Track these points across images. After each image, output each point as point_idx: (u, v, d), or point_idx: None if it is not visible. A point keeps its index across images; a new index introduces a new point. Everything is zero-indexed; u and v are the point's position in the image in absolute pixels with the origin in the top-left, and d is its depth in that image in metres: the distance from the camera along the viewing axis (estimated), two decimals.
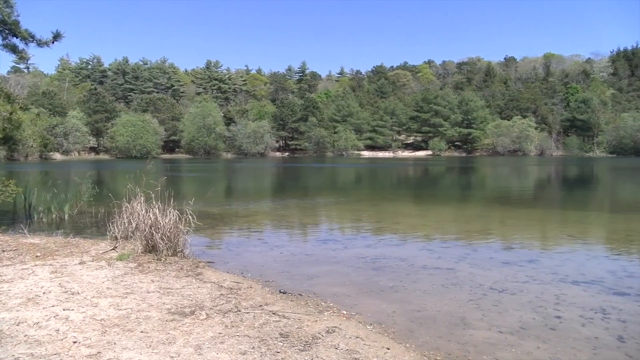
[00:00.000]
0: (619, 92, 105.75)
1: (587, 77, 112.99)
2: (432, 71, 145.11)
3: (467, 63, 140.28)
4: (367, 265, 7.79)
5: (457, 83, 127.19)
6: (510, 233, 11.34)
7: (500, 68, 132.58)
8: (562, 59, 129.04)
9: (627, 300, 6.05)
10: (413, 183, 29.92)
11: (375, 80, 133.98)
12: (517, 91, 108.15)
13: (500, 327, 5.12)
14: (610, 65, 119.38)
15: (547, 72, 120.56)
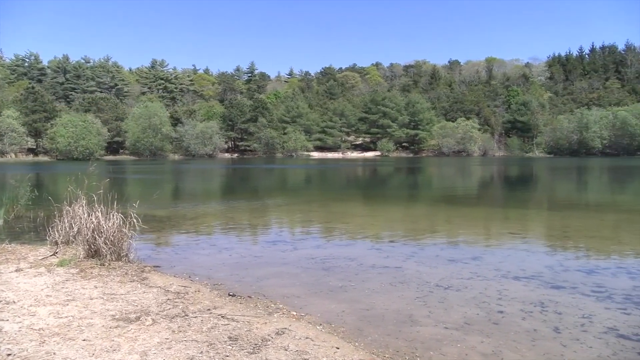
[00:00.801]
0: (555, 95, 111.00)
1: (527, 81, 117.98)
2: (380, 73, 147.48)
3: (414, 66, 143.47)
4: (316, 266, 7.82)
5: (404, 85, 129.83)
6: (456, 231, 11.67)
7: (445, 71, 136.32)
8: (503, 63, 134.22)
9: (563, 293, 6.35)
10: (362, 183, 30.29)
11: (324, 81, 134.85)
12: (461, 94, 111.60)
13: (446, 323, 5.25)
14: (547, 69, 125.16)
15: (490, 75, 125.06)
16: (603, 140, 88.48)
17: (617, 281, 6.93)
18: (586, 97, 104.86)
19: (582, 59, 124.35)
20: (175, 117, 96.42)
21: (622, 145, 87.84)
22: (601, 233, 11.22)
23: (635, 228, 12.03)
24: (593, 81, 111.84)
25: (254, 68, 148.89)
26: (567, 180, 31.96)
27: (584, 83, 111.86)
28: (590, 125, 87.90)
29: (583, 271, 7.50)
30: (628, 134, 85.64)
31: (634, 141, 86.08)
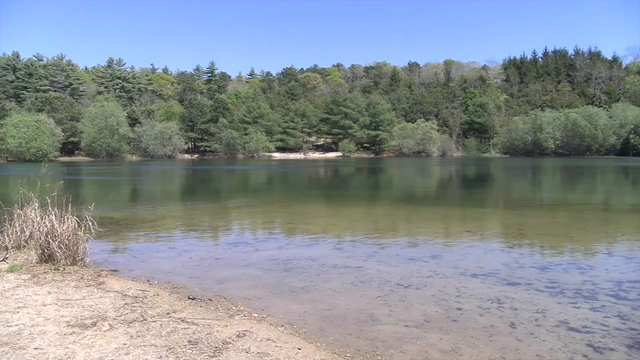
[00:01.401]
0: (511, 97, 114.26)
1: (484, 83, 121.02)
2: (341, 74, 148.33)
3: (374, 67, 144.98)
4: (278, 267, 7.80)
5: (365, 86, 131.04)
6: (416, 230, 11.86)
7: (405, 73, 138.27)
8: (461, 66, 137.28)
9: (519, 289, 6.55)
10: (324, 184, 30.40)
11: (285, 82, 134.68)
12: (421, 95, 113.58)
13: (406, 321, 5.33)
14: (503, 72, 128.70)
15: (448, 77, 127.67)
16: (556, 141, 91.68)
17: (568, 276, 7.20)
18: (540, 99, 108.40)
19: (535, 63, 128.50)
20: (133, 117, 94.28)
21: (573, 145, 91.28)
22: (554, 230, 11.62)
23: (585, 225, 12.52)
24: (546, 84, 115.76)
25: (214, 68, 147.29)
26: (522, 179, 32.95)
27: (538, 85, 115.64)
28: (544, 127, 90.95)
29: (537, 268, 7.75)
30: (578, 135, 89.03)
31: (584, 142, 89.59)
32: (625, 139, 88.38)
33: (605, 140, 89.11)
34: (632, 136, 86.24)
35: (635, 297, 6.21)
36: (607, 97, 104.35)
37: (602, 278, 7.10)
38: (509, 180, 32.26)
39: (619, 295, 6.26)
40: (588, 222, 13.00)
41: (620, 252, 9.02)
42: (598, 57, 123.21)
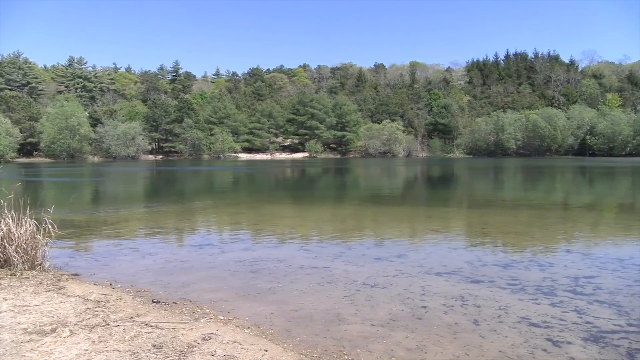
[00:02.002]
0: (474, 98, 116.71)
1: (447, 85, 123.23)
2: (308, 75, 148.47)
3: (341, 68, 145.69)
4: (244, 269, 7.75)
5: (332, 87, 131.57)
6: (382, 230, 11.98)
7: (370, 74, 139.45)
8: (426, 67, 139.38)
9: (482, 287, 6.70)
10: (291, 185, 30.35)
11: (251, 82, 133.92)
12: (386, 96, 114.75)
13: (372, 320, 5.38)
14: (466, 74, 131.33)
15: (413, 79, 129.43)
16: (517, 141, 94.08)
17: (529, 273, 7.40)
18: (502, 101, 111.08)
19: (497, 65, 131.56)
20: (94, 117, 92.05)
21: (534, 146, 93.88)
22: (515, 229, 11.92)
23: (545, 223, 12.89)
24: (508, 86, 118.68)
25: (178, 67, 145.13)
26: (484, 179, 33.69)
27: (500, 87, 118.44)
28: (506, 128, 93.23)
29: (499, 265, 7.94)
30: (538, 135, 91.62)
31: (544, 142, 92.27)
32: (582, 140, 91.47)
33: (564, 141, 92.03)
34: (589, 137, 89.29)
35: (591, 291, 6.44)
36: (565, 99, 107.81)
37: (560, 274, 7.33)
38: (473, 180, 32.93)
39: (576, 291, 6.47)
40: (548, 221, 13.38)
41: (578, 249, 9.32)
42: (556, 61, 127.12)
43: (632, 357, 4.47)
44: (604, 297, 6.19)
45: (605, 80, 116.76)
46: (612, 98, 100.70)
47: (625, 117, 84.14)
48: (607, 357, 4.44)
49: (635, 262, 8.13)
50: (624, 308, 5.79)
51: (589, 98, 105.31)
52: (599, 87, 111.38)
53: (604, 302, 5.99)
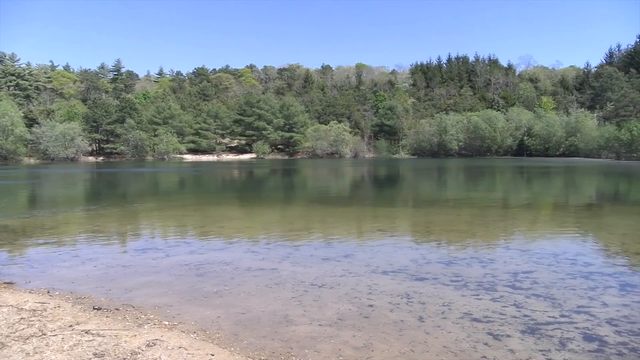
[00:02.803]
0: (418, 100, 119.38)
1: (392, 87, 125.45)
2: (254, 75, 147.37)
3: (287, 69, 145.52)
4: (190, 272, 7.60)
5: (279, 88, 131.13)
6: (330, 230, 12.05)
7: (317, 75, 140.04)
8: (371, 70, 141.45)
9: (426, 284, 6.86)
10: (238, 186, 30.03)
11: (197, 82, 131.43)
12: (333, 98, 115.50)
13: (320, 320, 5.40)
14: (411, 77, 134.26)
15: (359, 81, 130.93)
16: (459, 142, 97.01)
17: (471, 270, 7.65)
18: (444, 103, 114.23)
19: (440, 68, 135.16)
20: (30, 117, 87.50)
21: (475, 146, 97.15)
22: (458, 227, 12.30)
23: (486, 221, 13.36)
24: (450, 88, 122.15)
25: (120, 66, 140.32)
26: (428, 179, 34.55)
27: (443, 90, 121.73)
28: (448, 129, 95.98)
29: (443, 263, 8.16)
30: (479, 137, 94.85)
31: (484, 143, 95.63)
32: (520, 141, 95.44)
33: (503, 142, 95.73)
34: (526, 138, 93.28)
35: (528, 286, 6.73)
36: (504, 101, 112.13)
37: (500, 270, 7.62)
38: (417, 181, 33.70)
39: (515, 286, 6.75)
40: (488, 219, 13.88)
41: (516, 246, 9.73)
42: (496, 64, 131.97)
43: (564, 346, 4.72)
44: (540, 291, 6.49)
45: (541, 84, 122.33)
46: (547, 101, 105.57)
47: (558, 119, 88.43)
48: (543, 348, 4.66)
49: (568, 257, 8.57)
50: (558, 300, 6.09)
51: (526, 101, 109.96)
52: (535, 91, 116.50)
53: (540, 296, 6.28)
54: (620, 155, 66.75)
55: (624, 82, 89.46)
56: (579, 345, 4.71)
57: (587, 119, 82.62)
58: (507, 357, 4.45)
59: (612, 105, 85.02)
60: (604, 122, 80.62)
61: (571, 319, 5.46)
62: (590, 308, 5.81)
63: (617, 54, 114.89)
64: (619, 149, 67.69)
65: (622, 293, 6.42)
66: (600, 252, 9.42)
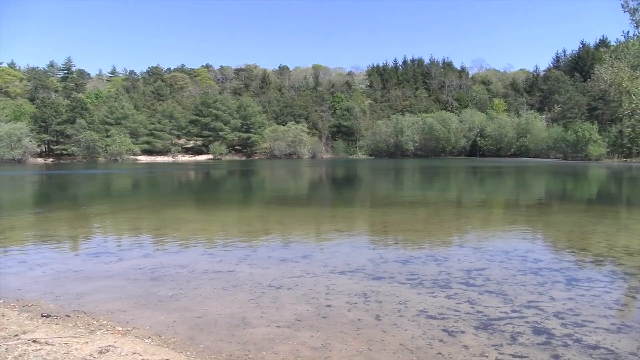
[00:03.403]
0: (375, 102, 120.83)
1: (350, 88, 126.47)
2: (211, 75, 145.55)
3: (245, 69, 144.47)
4: (145, 276, 7.42)
5: (236, 88, 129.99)
6: (288, 231, 12.03)
7: (275, 76, 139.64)
8: (328, 71, 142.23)
9: (383, 283, 6.95)
10: (195, 188, 29.57)
11: (151, 81, 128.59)
12: (291, 98, 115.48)
13: (278, 322, 5.38)
14: (367, 78, 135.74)
15: (316, 82, 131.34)
16: (415, 143, 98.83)
17: (427, 268, 7.80)
18: (400, 105, 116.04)
19: (396, 70, 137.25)
20: None
21: (430, 147, 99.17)
22: (414, 226, 12.51)
23: (441, 220, 13.66)
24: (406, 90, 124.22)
25: (70, 64, 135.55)
26: (385, 179, 35.01)
27: (398, 91, 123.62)
28: (404, 130, 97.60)
29: (399, 261, 8.29)
30: (434, 137, 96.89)
31: (439, 144, 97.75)
32: (473, 142, 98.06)
33: (457, 143, 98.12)
34: (479, 139, 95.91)
35: (481, 283, 6.92)
36: (457, 103, 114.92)
37: (455, 268, 7.80)
38: (374, 181, 34.08)
39: (469, 283, 6.93)
40: (443, 217, 14.19)
41: (470, 244, 9.99)
42: (450, 67, 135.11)
43: (515, 340, 4.88)
44: (492, 288, 6.68)
45: (493, 87, 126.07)
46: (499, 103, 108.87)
47: (509, 120, 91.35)
48: (495, 342, 4.80)
49: (519, 254, 8.86)
50: (509, 296, 6.29)
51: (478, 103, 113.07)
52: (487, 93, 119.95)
53: (493, 292, 6.47)
54: (567, 156, 69.55)
55: (569, 86, 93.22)
56: (528, 339, 4.88)
57: (537, 121, 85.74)
58: (461, 353, 4.56)
59: (559, 107, 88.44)
60: (552, 124, 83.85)
61: (522, 313, 5.64)
62: (540, 303, 6.03)
63: (563, 59, 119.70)
64: (565, 149, 70.50)
65: (568, 287, 6.69)
66: (549, 248, 9.80)
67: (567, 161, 65.01)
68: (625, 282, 7.15)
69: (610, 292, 6.53)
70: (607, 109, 71.82)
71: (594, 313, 5.66)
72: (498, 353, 4.56)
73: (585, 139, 65.23)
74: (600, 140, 64.19)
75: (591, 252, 9.05)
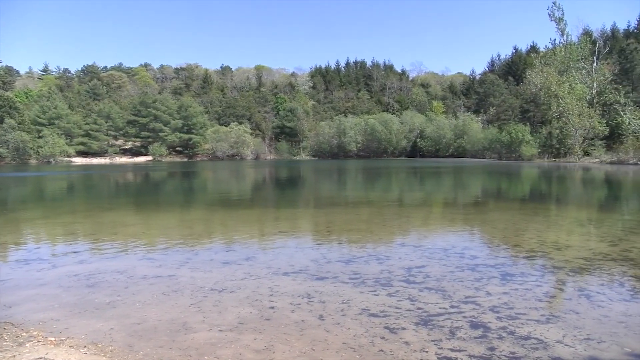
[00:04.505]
0: (318, 103, 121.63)
1: (293, 89, 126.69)
2: (150, 75, 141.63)
3: (185, 69, 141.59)
4: (80, 283, 7.12)
5: (176, 88, 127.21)
6: (231, 234, 11.88)
7: (217, 76, 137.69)
8: (271, 71, 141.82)
9: (326, 283, 7.00)
10: (134, 190, 28.64)
11: (86, 80, 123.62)
12: (233, 99, 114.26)
13: (220, 326, 5.31)
14: (310, 79, 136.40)
15: (259, 82, 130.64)
16: (358, 144, 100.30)
17: (369, 267, 7.92)
18: (343, 106, 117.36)
19: (339, 72, 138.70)
20: None
21: (372, 148, 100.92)
22: (357, 226, 12.68)
23: (383, 219, 13.91)
24: (348, 92, 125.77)
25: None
26: (329, 180, 35.28)
27: (341, 93, 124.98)
28: (347, 131, 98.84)
29: (343, 261, 8.37)
30: (376, 139, 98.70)
31: (381, 145, 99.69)
32: (413, 143, 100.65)
33: (398, 144, 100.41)
34: (419, 140, 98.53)
35: (422, 280, 7.11)
36: (398, 105, 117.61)
37: (396, 266, 7.97)
38: (318, 182, 34.26)
39: (409, 280, 7.10)
40: (385, 217, 14.46)
41: (411, 242, 10.23)
42: (391, 70, 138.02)
43: (453, 334, 5.04)
44: (432, 284, 6.88)
45: (431, 89, 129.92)
46: (437, 105, 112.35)
47: (447, 122, 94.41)
48: (435, 338, 4.94)
49: (457, 251, 9.16)
50: (448, 292, 6.50)
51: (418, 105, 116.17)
52: (426, 95, 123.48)
53: (432, 289, 6.66)
54: (502, 156, 72.64)
55: (503, 89, 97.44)
56: (466, 333, 5.06)
57: (473, 123, 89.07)
58: (402, 349, 4.66)
59: (494, 109, 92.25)
60: (488, 125, 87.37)
61: (460, 309, 5.84)
62: (476, 298, 6.26)
63: (497, 63, 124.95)
64: (500, 150, 73.60)
65: (503, 282, 6.99)
66: (485, 245, 10.19)
67: (501, 161, 67.90)
68: (554, 275, 7.54)
69: (540, 285, 6.87)
70: (537, 111, 75.59)
71: (526, 306, 5.94)
72: (437, 348, 4.69)
73: (518, 140, 68.32)
74: (532, 141, 67.42)
75: (524, 247, 9.49)
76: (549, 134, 65.96)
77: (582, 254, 8.83)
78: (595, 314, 5.67)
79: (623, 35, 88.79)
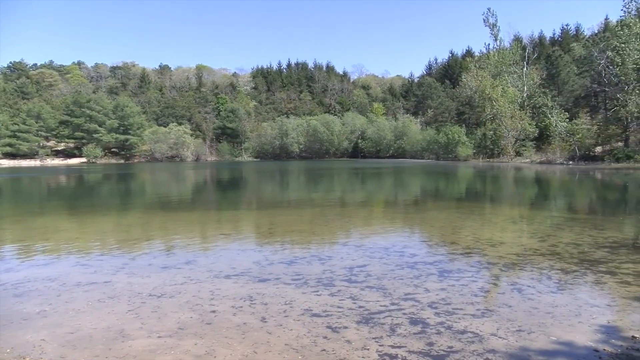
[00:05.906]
0: (260, 104, 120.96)
1: (234, 90, 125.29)
2: (84, 73, 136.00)
3: (122, 68, 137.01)
4: (6, 293, 6.72)
5: (112, 87, 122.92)
6: (170, 237, 11.58)
7: (155, 75, 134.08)
8: (212, 71, 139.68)
9: (268, 285, 6.97)
10: (66, 194, 27.36)
11: (13, 78, 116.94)
12: (173, 99, 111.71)
13: (159, 332, 5.17)
14: (252, 80, 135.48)
15: (200, 82, 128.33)
16: (300, 145, 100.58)
17: (311, 268, 7.95)
18: (285, 107, 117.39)
19: (281, 73, 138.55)
20: None
21: (315, 149, 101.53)
22: (300, 227, 12.70)
23: (325, 220, 14.00)
24: (290, 93, 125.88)
25: None
26: (271, 181, 35.14)
27: (283, 94, 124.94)
28: (289, 132, 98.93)
29: (285, 263, 8.36)
30: (319, 139, 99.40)
31: (323, 146, 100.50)
32: (355, 144, 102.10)
33: (340, 145, 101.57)
34: (360, 141, 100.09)
35: (363, 279, 7.22)
36: (340, 106, 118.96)
37: (338, 266, 8.04)
38: (260, 183, 34.05)
39: (351, 279, 7.19)
40: (328, 217, 14.57)
41: (352, 242, 10.36)
42: (332, 72, 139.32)
43: (394, 331, 5.15)
44: (373, 283, 7.00)
45: (372, 91, 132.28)
46: (378, 107, 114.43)
47: (388, 123, 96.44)
48: (376, 335, 5.03)
49: (397, 249, 9.37)
50: (388, 290, 6.63)
51: (359, 106, 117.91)
52: (367, 97, 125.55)
53: (373, 287, 6.77)
54: (439, 156, 74.97)
55: (440, 92, 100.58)
56: (406, 330, 5.18)
57: (412, 124, 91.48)
58: (344, 348, 4.71)
59: (432, 111, 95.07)
60: (426, 127, 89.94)
61: (400, 306, 5.97)
62: (416, 294, 6.42)
63: (434, 66, 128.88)
64: (438, 150, 75.93)
65: (440, 279, 7.21)
66: (424, 243, 10.48)
67: (439, 162, 70.08)
68: (488, 270, 7.86)
69: (476, 280, 7.15)
70: (472, 113, 78.58)
71: (463, 301, 6.16)
72: (378, 345, 4.78)
73: (455, 141, 70.73)
74: (468, 142, 69.98)
75: (460, 245, 9.84)
76: (484, 135, 68.69)
77: (515, 250, 9.26)
78: (526, 306, 5.96)
79: (549, 43, 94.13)
